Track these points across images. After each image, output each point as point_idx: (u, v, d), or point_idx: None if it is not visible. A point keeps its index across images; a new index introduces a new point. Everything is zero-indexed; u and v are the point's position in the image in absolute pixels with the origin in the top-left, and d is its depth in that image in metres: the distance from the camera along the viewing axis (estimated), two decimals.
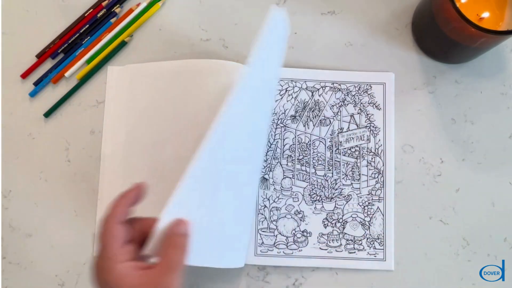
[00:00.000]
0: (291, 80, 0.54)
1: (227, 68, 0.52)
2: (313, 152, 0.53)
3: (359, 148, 0.53)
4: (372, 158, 0.53)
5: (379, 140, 0.53)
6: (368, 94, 0.54)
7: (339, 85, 0.54)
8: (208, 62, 0.52)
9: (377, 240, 0.51)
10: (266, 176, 0.53)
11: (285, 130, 0.53)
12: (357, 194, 0.52)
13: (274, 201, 0.52)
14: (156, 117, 0.53)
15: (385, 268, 0.51)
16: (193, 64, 0.52)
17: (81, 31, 0.56)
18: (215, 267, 0.47)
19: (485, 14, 0.47)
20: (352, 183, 0.52)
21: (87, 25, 0.56)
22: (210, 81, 0.52)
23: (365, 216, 0.52)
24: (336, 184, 0.52)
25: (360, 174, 0.52)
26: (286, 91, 0.54)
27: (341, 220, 0.52)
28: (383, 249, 0.51)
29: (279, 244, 0.52)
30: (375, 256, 0.51)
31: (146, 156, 0.52)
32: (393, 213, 0.52)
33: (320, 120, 0.53)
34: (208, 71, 0.52)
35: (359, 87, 0.54)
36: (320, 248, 0.51)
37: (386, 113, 0.53)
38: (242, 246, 0.51)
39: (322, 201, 0.52)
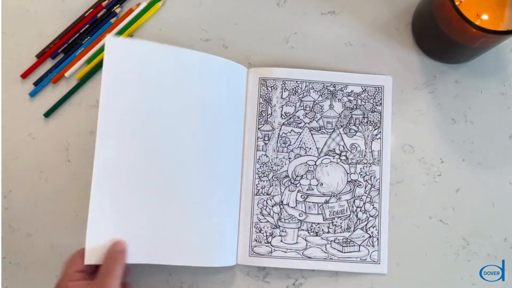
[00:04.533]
0: (289, 81, 0.54)
1: (226, 68, 0.52)
2: (311, 155, 0.53)
3: (356, 150, 0.53)
4: (368, 161, 0.53)
5: (376, 142, 0.53)
6: (366, 97, 0.54)
7: (335, 86, 0.54)
8: (208, 57, 0.51)
9: (371, 242, 0.51)
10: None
11: (281, 130, 0.53)
12: (352, 197, 0.52)
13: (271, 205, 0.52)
14: (150, 113, 0.50)
15: (378, 272, 0.51)
16: (194, 55, 0.50)
17: (81, 31, 0.56)
18: (203, 266, 0.47)
19: (485, 15, 0.47)
20: (348, 185, 0.52)
21: (87, 25, 0.56)
22: (204, 78, 0.51)
23: (360, 219, 0.52)
24: (332, 185, 0.52)
25: (357, 175, 0.52)
26: (283, 90, 0.54)
27: (336, 222, 0.52)
28: (377, 252, 0.51)
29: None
30: (369, 259, 0.51)
31: (139, 154, 0.52)
32: (387, 216, 0.52)
33: (317, 121, 0.53)
34: (207, 67, 0.51)
35: (357, 90, 0.54)
36: (313, 250, 0.51)
37: (383, 115, 0.53)
38: (229, 244, 0.51)
39: (317, 203, 0.52)
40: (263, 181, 0.53)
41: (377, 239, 0.51)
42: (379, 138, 0.53)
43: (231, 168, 0.52)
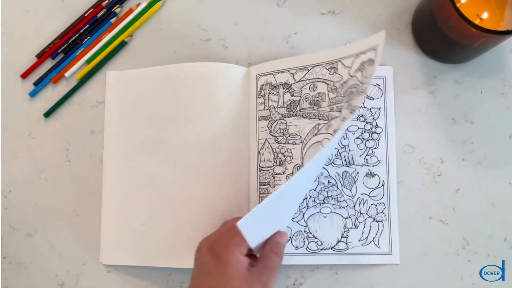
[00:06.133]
0: (285, 72, 0.53)
1: (224, 71, 0.53)
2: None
3: (362, 146, 0.53)
4: (374, 155, 0.53)
5: (380, 136, 0.53)
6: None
7: (333, 64, 0.53)
8: (205, 65, 0.53)
9: (382, 235, 0.51)
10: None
11: (281, 123, 0.53)
12: (360, 192, 0.52)
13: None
14: (154, 121, 0.53)
15: (392, 262, 0.51)
16: (190, 67, 0.53)
17: (81, 31, 0.56)
18: None
19: (485, 14, 0.47)
20: (354, 181, 0.52)
21: (87, 25, 0.56)
22: (206, 84, 0.52)
23: (369, 213, 0.52)
24: (337, 183, 0.52)
25: (363, 171, 0.52)
26: (281, 83, 0.53)
27: (345, 218, 0.52)
28: (389, 243, 0.51)
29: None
30: (381, 251, 0.51)
31: (144, 159, 0.53)
32: (396, 209, 0.52)
33: (318, 112, 0.53)
34: (205, 74, 0.52)
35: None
36: (323, 245, 0.51)
37: (387, 108, 0.53)
38: None
39: (325, 200, 0.52)
40: (267, 177, 0.52)
41: (388, 231, 0.51)
42: (383, 131, 0.53)
43: (235, 168, 0.52)
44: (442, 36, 0.49)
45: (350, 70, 0.50)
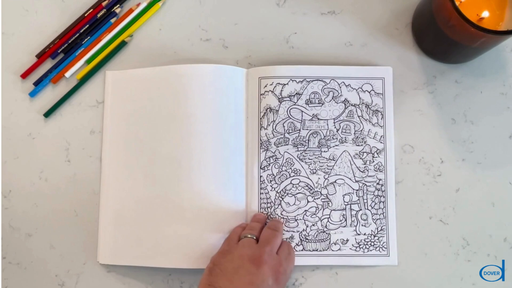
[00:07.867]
0: (288, 78, 0.54)
1: (223, 72, 0.53)
2: (314, 150, 0.53)
3: (360, 146, 0.53)
4: (373, 156, 0.53)
5: (380, 137, 0.53)
6: (367, 88, 0.53)
7: (335, 81, 0.53)
8: (204, 66, 0.53)
9: (379, 236, 0.51)
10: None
11: (283, 127, 0.53)
12: (358, 193, 0.52)
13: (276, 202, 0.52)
14: (151, 121, 0.53)
15: (389, 264, 0.51)
16: (189, 68, 0.53)
17: (81, 31, 0.56)
18: (204, 267, 0.47)
19: (485, 14, 0.47)
20: (353, 182, 0.52)
21: (87, 25, 0.56)
22: (205, 85, 0.52)
23: (367, 214, 0.52)
24: (337, 183, 0.52)
25: (361, 172, 0.52)
26: (283, 88, 0.53)
27: (342, 218, 0.52)
28: (387, 244, 0.51)
29: None
30: (379, 252, 0.51)
31: (142, 158, 0.53)
32: (394, 210, 0.52)
33: (318, 117, 0.53)
34: (204, 75, 0.53)
35: (358, 83, 0.53)
36: (322, 246, 0.52)
37: (386, 108, 0.53)
38: None
39: (323, 200, 0.52)
40: (268, 181, 0.52)
41: (386, 232, 0.51)
42: (382, 135, 0.53)
43: (234, 167, 0.52)
44: (442, 36, 0.49)
45: (359, 90, 0.53)
